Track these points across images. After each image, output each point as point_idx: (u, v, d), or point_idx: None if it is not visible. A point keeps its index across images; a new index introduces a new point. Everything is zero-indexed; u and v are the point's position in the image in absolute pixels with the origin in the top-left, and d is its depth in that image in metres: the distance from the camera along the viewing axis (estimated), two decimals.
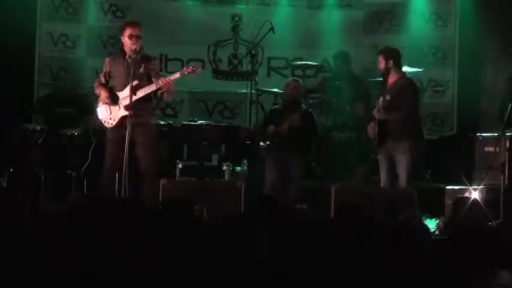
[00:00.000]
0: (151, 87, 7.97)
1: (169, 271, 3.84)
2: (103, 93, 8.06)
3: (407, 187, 7.98)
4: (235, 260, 3.85)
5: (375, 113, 8.26)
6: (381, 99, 8.27)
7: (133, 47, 7.96)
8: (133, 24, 8.19)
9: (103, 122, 8.11)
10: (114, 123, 8.01)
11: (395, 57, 8.36)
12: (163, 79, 8.00)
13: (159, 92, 8.00)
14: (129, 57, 7.98)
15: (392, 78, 8.30)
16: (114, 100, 8.01)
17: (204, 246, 4.00)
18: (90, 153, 8.95)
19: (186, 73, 8.12)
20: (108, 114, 8.06)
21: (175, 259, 3.91)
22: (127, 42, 8.03)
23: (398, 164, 8.10)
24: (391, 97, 8.22)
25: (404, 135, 8.11)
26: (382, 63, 8.33)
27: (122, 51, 8.12)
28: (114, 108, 8.03)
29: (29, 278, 3.67)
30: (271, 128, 8.94)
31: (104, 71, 8.17)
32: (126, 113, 7.89)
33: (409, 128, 8.14)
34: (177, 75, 8.13)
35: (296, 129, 8.87)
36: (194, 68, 8.14)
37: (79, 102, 9.95)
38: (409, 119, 8.16)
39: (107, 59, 8.25)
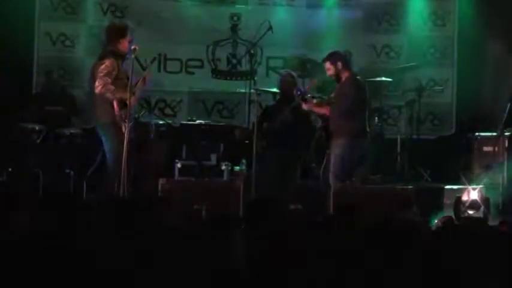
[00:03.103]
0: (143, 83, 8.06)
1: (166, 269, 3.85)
2: (133, 99, 7.91)
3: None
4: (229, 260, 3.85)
5: (303, 106, 8.55)
6: (332, 95, 8.52)
7: (130, 48, 7.96)
8: (131, 27, 8.26)
9: (123, 125, 7.97)
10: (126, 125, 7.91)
11: (341, 58, 8.48)
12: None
13: None
14: (125, 58, 8.01)
15: (343, 78, 8.39)
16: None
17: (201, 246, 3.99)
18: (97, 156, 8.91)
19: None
20: (123, 118, 7.95)
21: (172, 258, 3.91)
22: (126, 45, 8.01)
23: (331, 160, 8.27)
24: (334, 94, 8.44)
25: (338, 133, 8.30)
26: (331, 70, 8.46)
27: (119, 52, 8.06)
28: (125, 111, 7.93)
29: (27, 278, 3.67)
30: (264, 128, 8.96)
31: (114, 74, 7.96)
32: (133, 114, 7.96)
33: (342, 126, 8.26)
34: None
35: (288, 125, 8.89)
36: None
37: (69, 100, 9.92)
38: (342, 117, 8.26)
39: (114, 62, 8.00)
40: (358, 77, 8.63)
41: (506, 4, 10.55)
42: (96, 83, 7.91)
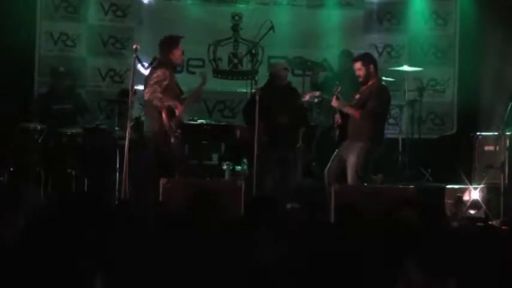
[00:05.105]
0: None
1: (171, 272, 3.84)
2: (180, 109, 8.38)
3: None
4: (236, 262, 3.85)
5: (333, 102, 8.39)
6: (356, 96, 8.42)
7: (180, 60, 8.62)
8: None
9: (172, 136, 8.28)
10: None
11: (373, 61, 8.45)
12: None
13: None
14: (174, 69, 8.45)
15: (370, 82, 8.36)
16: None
17: (204, 248, 3.99)
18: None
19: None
20: (173, 129, 8.32)
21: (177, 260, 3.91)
22: (178, 55, 8.43)
23: (347, 162, 8.21)
24: (360, 96, 8.36)
25: (358, 136, 8.24)
26: (361, 70, 8.37)
27: (171, 62, 8.32)
28: (175, 120, 8.33)
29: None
30: (263, 127, 8.99)
31: (165, 83, 8.21)
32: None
33: (365, 130, 8.22)
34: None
35: (288, 126, 8.89)
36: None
37: (77, 99, 9.92)
38: (366, 121, 8.22)
39: (166, 72, 8.26)
40: (385, 83, 8.63)
41: (507, 3, 10.55)
42: (146, 90, 8.21)
